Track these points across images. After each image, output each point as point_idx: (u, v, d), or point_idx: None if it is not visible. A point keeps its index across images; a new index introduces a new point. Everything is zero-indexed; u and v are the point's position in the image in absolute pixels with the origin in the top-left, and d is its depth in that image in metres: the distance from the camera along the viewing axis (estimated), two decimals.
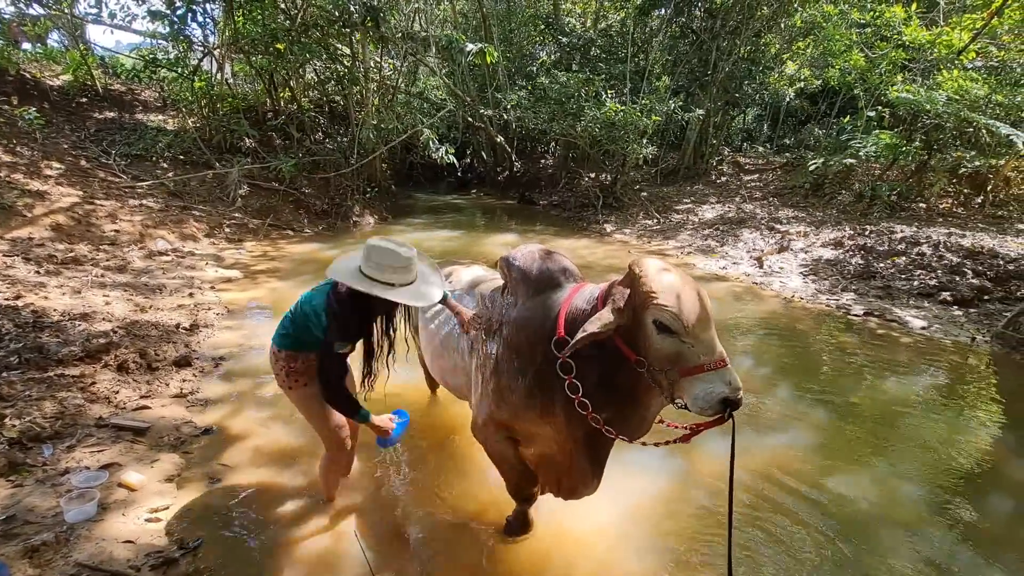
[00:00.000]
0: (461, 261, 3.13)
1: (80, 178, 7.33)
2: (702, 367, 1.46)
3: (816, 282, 6.71)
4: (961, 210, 9.06)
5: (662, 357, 1.53)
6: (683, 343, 1.49)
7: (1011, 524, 2.63)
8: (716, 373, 1.46)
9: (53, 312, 4.09)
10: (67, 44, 11.91)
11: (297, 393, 2.17)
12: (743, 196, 11.50)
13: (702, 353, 1.48)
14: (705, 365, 1.46)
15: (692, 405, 1.49)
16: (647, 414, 1.73)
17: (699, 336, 1.49)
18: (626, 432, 1.72)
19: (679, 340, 1.49)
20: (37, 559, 2.04)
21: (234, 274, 6.17)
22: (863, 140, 9.47)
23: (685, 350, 1.49)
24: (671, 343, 1.50)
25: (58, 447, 2.70)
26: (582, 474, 1.91)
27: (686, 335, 1.48)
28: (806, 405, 3.70)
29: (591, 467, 1.89)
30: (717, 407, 1.44)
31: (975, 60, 9.54)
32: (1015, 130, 7.64)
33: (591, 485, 1.95)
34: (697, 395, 1.46)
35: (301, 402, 2.20)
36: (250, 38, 9.24)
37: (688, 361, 1.49)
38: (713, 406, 1.45)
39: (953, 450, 3.20)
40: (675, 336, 1.50)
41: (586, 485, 1.95)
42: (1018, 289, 5.68)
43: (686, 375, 1.49)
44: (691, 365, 1.48)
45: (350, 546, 2.24)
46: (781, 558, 2.33)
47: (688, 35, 12.99)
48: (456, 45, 10.11)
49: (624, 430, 1.72)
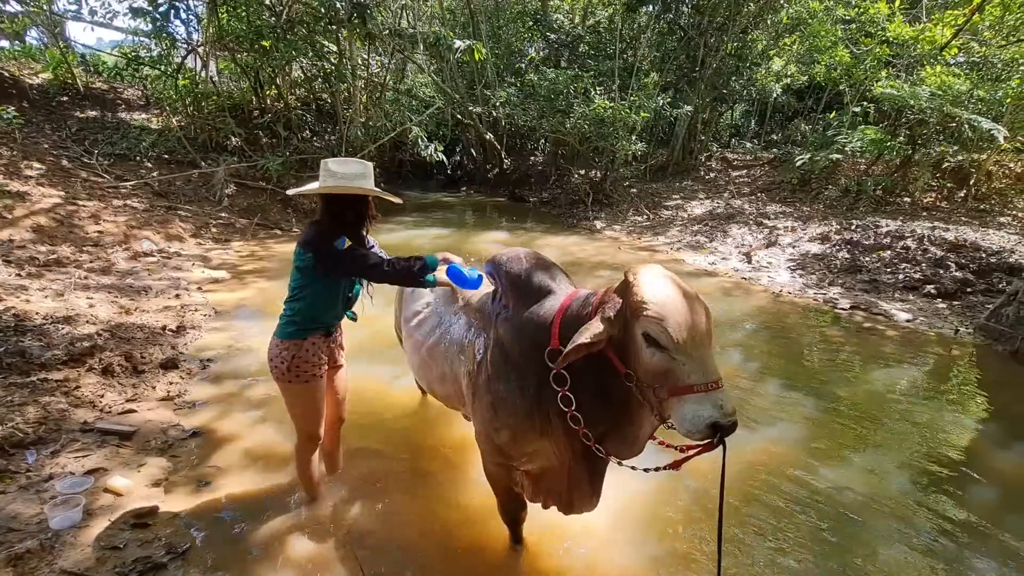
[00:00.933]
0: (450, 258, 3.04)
1: (62, 178, 7.20)
2: (692, 388, 1.36)
3: (803, 276, 6.78)
4: (945, 204, 9.20)
5: (650, 373, 1.43)
6: (673, 360, 1.39)
7: (993, 512, 2.67)
8: (707, 395, 1.35)
9: (35, 315, 4.02)
10: (46, 42, 11.67)
11: (294, 387, 2.14)
12: (731, 192, 11.59)
13: (693, 372, 1.37)
14: (696, 386, 1.36)
15: (679, 427, 1.39)
16: (640, 433, 1.65)
17: (691, 354, 1.38)
18: (619, 451, 1.66)
19: (669, 356, 1.39)
20: (21, 567, 2.00)
21: (221, 275, 6.10)
22: (849, 135, 9.58)
23: (675, 367, 1.39)
24: (660, 359, 1.40)
25: (41, 453, 2.66)
26: (580, 488, 1.85)
27: (676, 351, 1.38)
28: (794, 398, 3.74)
29: (590, 481, 1.83)
30: (705, 432, 1.34)
31: (957, 56, 9.68)
32: (996, 125, 7.78)
33: (590, 501, 1.89)
34: (685, 417, 1.37)
35: (294, 396, 2.17)
36: (235, 35, 9.12)
37: (678, 380, 1.38)
38: (701, 431, 1.35)
39: (937, 441, 3.26)
40: (665, 351, 1.39)
41: (585, 500, 1.89)
42: (1000, 281, 5.78)
43: (674, 394, 1.39)
44: (680, 384, 1.38)
45: (341, 548, 2.23)
46: (769, 550, 2.36)
47: (676, 31, 13.03)
48: (444, 42, 10.05)
49: (617, 448, 1.65)
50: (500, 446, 1.92)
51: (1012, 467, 3.07)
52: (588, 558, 2.26)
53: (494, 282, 1.99)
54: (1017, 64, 8.63)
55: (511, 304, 1.86)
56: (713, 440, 1.36)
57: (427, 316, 2.45)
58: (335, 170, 2.02)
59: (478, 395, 1.96)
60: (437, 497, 2.62)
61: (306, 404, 2.19)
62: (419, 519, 2.47)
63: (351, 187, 2.02)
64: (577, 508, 1.92)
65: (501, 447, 1.92)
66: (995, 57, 9.04)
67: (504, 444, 1.90)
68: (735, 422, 1.35)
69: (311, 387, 2.16)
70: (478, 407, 1.97)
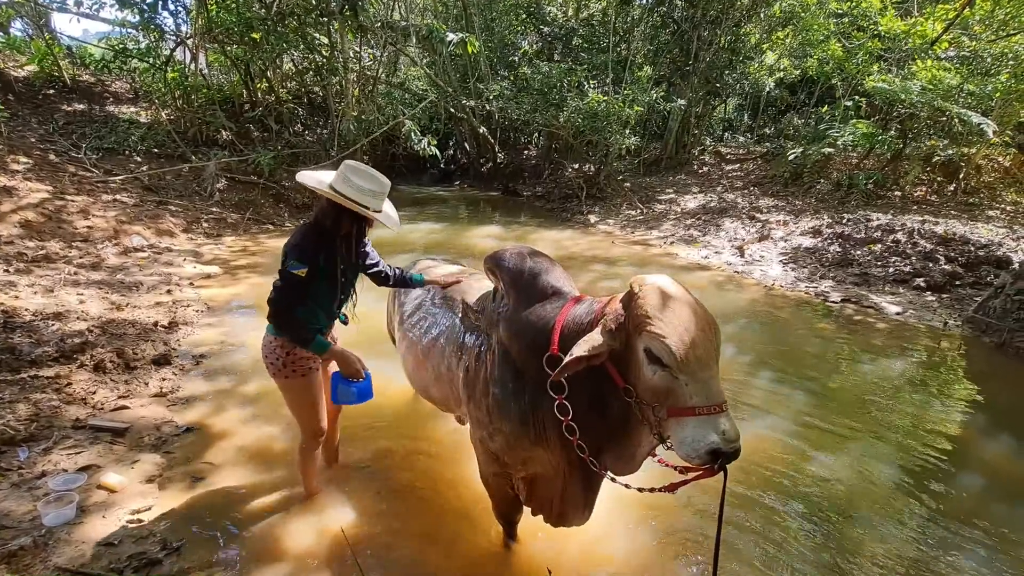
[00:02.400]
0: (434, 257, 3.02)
1: (49, 173, 7.10)
2: (693, 410, 1.29)
3: (795, 270, 6.83)
4: (935, 198, 9.28)
5: (650, 390, 1.36)
6: (675, 379, 1.31)
7: (980, 500, 2.73)
8: (709, 419, 1.27)
9: (25, 312, 3.98)
10: (31, 33, 11.46)
11: (292, 382, 2.15)
12: (724, 186, 11.63)
13: (695, 393, 1.29)
14: (697, 408, 1.28)
15: (678, 450, 1.32)
16: (638, 451, 1.58)
17: (695, 374, 1.30)
18: (615, 467, 1.60)
19: (671, 375, 1.32)
20: (15, 564, 2.00)
21: (213, 270, 6.06)
22: (841, 129, 9.63)
23: (677, 387, 1.31)
24: (662, 377, 1.33)
25: (33, 450, 2.64)
26: (573, 500, 1.80)
27: (679, 371, 1.30)
28: (785, 390, 3.78)
29: (583, 494, 1.78)
30: (705, 457, 1.27)
31: (948, 50, 9.73)
32: (986, 119, 7.84)
33: (582, 515, 1.84)
34: (684, 440, 1.29)
35: (292, 392, 2.18)
36: (224, 27, 9.00)
37: (679, 400, 1.31)
38: (701, 456, 1.27)
39: (926, 431, 3.31)
40: (667, 370, 1.32)
41: (576, 512, 1.84)
42: (988, 274, 5.86)
43: (675, 415, 1.32)
44: (681, 405, 1.31)
45: (337, 544, 2.24)
46: (760, 541, 2.39)
47: (669, 24, 13.01)
48: (437, 35, 9.98)
49: (612, 463, 1.60)
50: (494, 452, 1.89)
51: (999, 457, 3.13)
52: (584, 551, 2.28)
53: (494, 279, 1.95)
54: (1007, 59, 8.69)
55: (511, 303, 1.82)
56: (713, 466, 1.29)
57: (423, 316, 2.41)
58: (353, 179, 1.95)
59: (474, 398, 1.93)
60: (433, 492, 2.63)
61: (306, 398, 2.19)
62: (415, 513, 2.48)
63: (360, 205, 1.95)
64: (568, 520, 1.87)
65: (496, 453, 1.89)
66: (985, 52, 9.09)
67: (498, 450, 1.87)
68: (738, 449, 1.27)
69: (308, 380, 2.16)
70: (473, 410, 1.94)
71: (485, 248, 7.20)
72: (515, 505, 2.12)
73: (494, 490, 2.10)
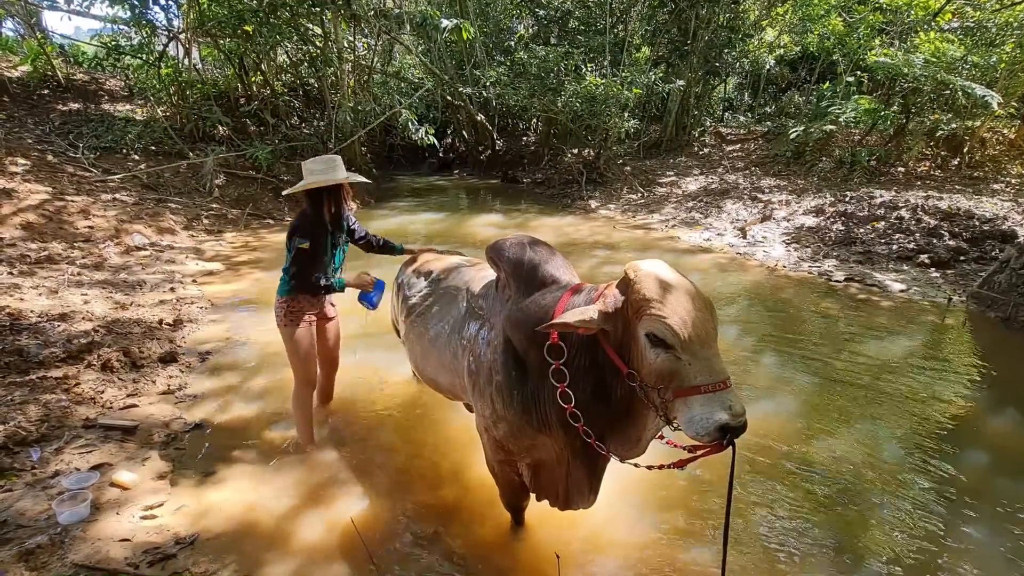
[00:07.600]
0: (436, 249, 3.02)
1: (48, 174, 7.09)
2: (699, 388, 1.32)
3: (798, 250, 6.80)
4: (938, 172, 9.18)
5: (655, 373, 1.38)
6: (679, 360, 1.34)
7: (985, 476, 2.74)
8: (715, 395, 1.30)
9: (30, 314, 4.00)
10: (23, 33, 11.37)
11: (288, 330, 2.65)
12: (725, 167, 11.52)
13: (699, 373, 1.32)
14: (703, 387, 1.31)
15: (687, 429, 1.34)
16: (643, 433, 1.60)
17: (697, 353, 1.33)
18: (620, 449, 1.62)
19: (674, 356, 1.35)
20: (33, 562, 2.03)
21: (216, 266, 6.07)
22: (842, 106, 9.50)
23: (681, 368, 1.34)
24: (665, 359, 1.36)
25: (46, 450, 2.67)
26: (578, 485, 1.83)
27: (682, 351, 1.33)
28: (791, 370, 3.78)
29: (588, 479, 1.81)
30: (714, 434, 1.29)
31: (951, 21, 9.56)
32: (990, 91, 7.73)
33: (588, 498, 1.87)
34: (692, 419, 1.32)
35: (289, 339, 2.66)
36: (216, 20, 8.90)
37: (684, 380, 1.34)
38: (710, 433, 1.30)
39: (932, 408, 3.31)
40: (670, 351, 1.35)
41: (582, 497, 1.87)
42: (992, 249, 5.81)
43: (681, 396, 1.34)
44: (687, 385, 1.33)
45: (347, 535, 2.27)
46: (768, 519, 2.41)
47: (667, 4, 12.77)
48: (431, 21, 9.85)
49: (618, 447, 1.62)
50: (499, 440, 1.92)
51: (1005, 431, 3.14)
52: (592, 534, 2.31)
53: (496, 269, 1.95)
54: (1012, 28, 8.53)
55: (512, 292, 1.84)
56: (722, 442, 1.31)
57: (429, 306, 2.45)
58: (310, 168, 2.55)
59: (478, 387, 1.95)
60: (440, 481, 2.65)
61: (300, 345, 2.66)
62: (422, 502, 2.51)
63: (321, 180, 2.50)
64: (574, 505, 1.91)
65: (500, 441, 1.92)
66: (989, 21, 8.93)
67: (502, 438, 1.89)
68: (745, 423, 1.30)
69: (302, 331, 2.67)
70: (478, 399, 1.97)
71: (486, 237, 7.19)
72: (521, 492, 2.15)
73: (500, 477, 2.13)
